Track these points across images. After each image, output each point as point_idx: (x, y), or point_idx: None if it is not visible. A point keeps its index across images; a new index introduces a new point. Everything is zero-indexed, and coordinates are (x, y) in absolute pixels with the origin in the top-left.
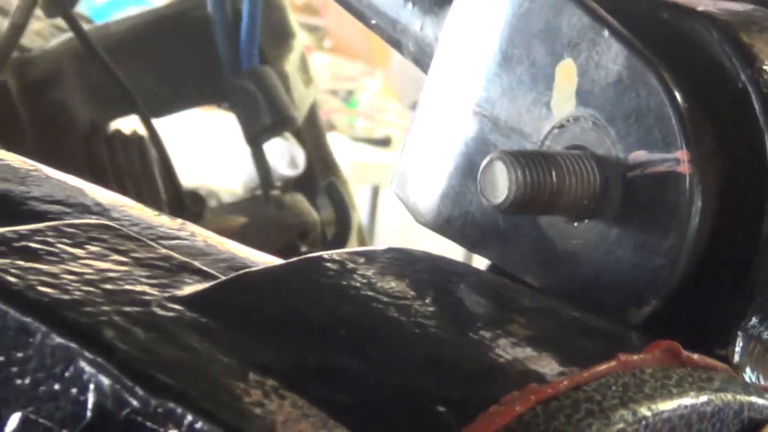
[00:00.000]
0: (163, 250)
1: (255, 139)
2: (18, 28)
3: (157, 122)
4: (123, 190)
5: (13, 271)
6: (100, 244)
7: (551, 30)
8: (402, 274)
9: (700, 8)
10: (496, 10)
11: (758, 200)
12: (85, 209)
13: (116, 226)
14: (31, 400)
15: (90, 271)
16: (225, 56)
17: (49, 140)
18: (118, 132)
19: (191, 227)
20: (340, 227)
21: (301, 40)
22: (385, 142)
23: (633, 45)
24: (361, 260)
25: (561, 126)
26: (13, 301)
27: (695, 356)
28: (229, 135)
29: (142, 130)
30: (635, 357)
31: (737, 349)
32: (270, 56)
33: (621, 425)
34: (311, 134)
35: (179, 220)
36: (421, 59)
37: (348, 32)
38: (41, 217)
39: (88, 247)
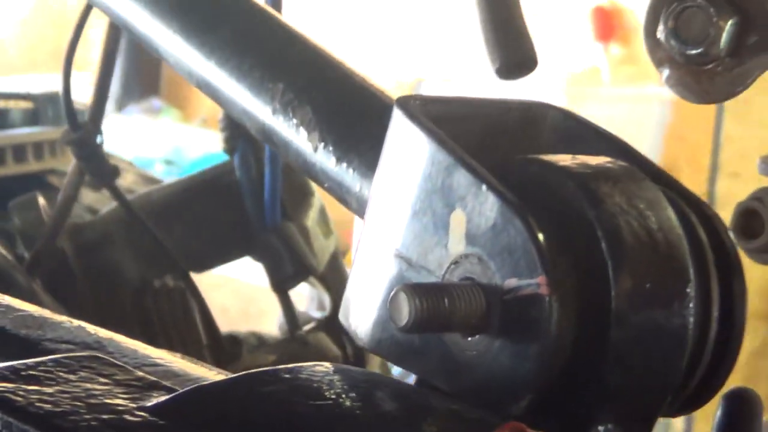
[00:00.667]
0: (140, 373)
1: (280, 286)
2: (69, 199)
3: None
4: (168, 336)
5: (19, 392)
6: (89, 370)
7: (446, 187)
8: (319, 383)
9: (561, 163)
10: (407, 174)
11: (606, 316)
12: (86, 346)
13: (106, 357)
14: None
15: (78, 390)
16: (252, 215)
17: (102, 296)
18: (163, 287)
19: (173, 357)
20: (357, 361)
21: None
22: None
23: (504, 195)
24: (286, 375)
25: (456, 262)
26: (16, 415)
27: None
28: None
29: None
30: None
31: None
32: (291, 213)
33: None
34: (334, 279)
35: (165, 351)
36: (362, 213)
37: None
38: (52, 353)
39: (79, 373)
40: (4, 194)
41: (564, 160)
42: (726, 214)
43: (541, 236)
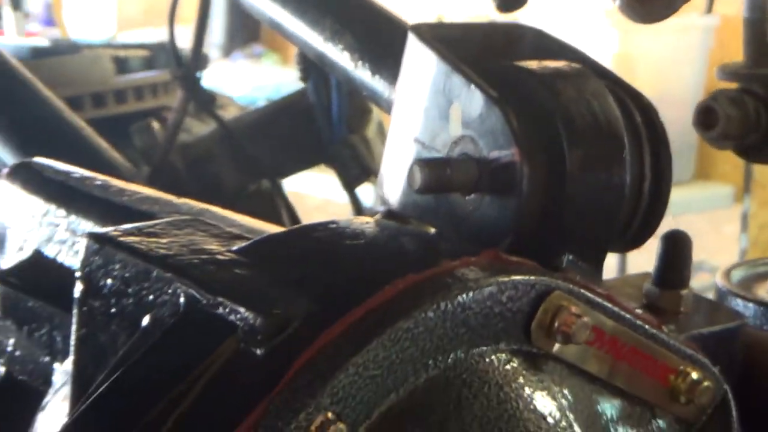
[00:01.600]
0: (228, 229)
1: (349, 186)
2: (178, 121)
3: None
4: None
5: (142, 242)
6: (192, 228)
7: (446, 88)
8: (356, 229)
9: (529, 67)
10: (419, 81)
11: (563, 177)
12: (191, 214)
13: (204, 220)
14: (153, 307)
15: (184, 240)
16: (324, 130)
17: (206, 200)
18: (256, 191)
19: (254, 220)
20: None
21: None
22: None
23: (487, 92)
24: (332, 225)
25: (455, 143)
26: (140, 257)
27: (513, 258)
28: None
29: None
30: (473, 258)
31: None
32: (355, 127)
33: (459, 290)
34: None
35: (248, 217)
36: (390, 112)
37: None
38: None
39: (185, 229)
40: (128, 127)
41: (532, 65)
42: None
43: (514, 120)
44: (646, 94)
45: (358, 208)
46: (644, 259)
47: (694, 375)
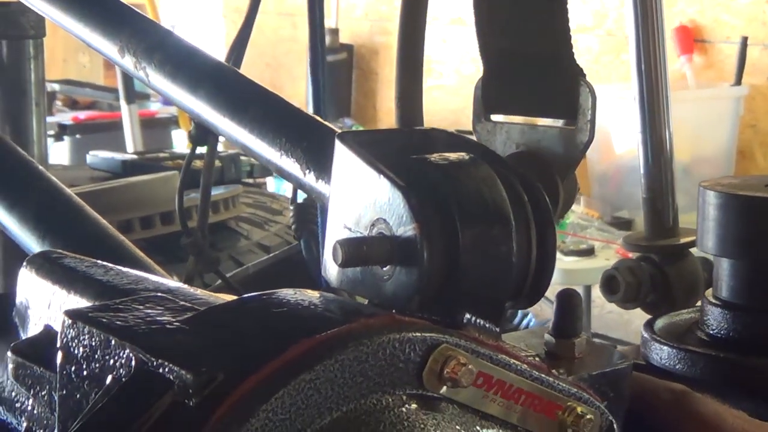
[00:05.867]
0: (182, 302)
1: None
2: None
3: None
4: None
5: (106, 317)
6: (152, 303)
7: (363, 180)
8: (286, 299)
9: (430, 158)
10: (345, 176)
11: (458, 249)
12: (160, 290)
13: (167, 296)
14: (113, 369)
15: (143, 314)
16: (316, 279)
17: None
18: None
19: (211, 295)
20: None
21: None
22: (589, 252)
23: (393, 180)
24: (264, 296)
25: (372, 225)
26: (103, 328)
27: (406, 318)
28: None
29: None
30: (372, 320)
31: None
32: None
33: (354, 346)
34: None
35: (210, 293)
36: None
37: None
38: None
39: (146, 304)
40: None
41: (433, 157)
42: None
43: (414, 202)
44: (684, 156)
45: None
46: None
47: (579, 410)
